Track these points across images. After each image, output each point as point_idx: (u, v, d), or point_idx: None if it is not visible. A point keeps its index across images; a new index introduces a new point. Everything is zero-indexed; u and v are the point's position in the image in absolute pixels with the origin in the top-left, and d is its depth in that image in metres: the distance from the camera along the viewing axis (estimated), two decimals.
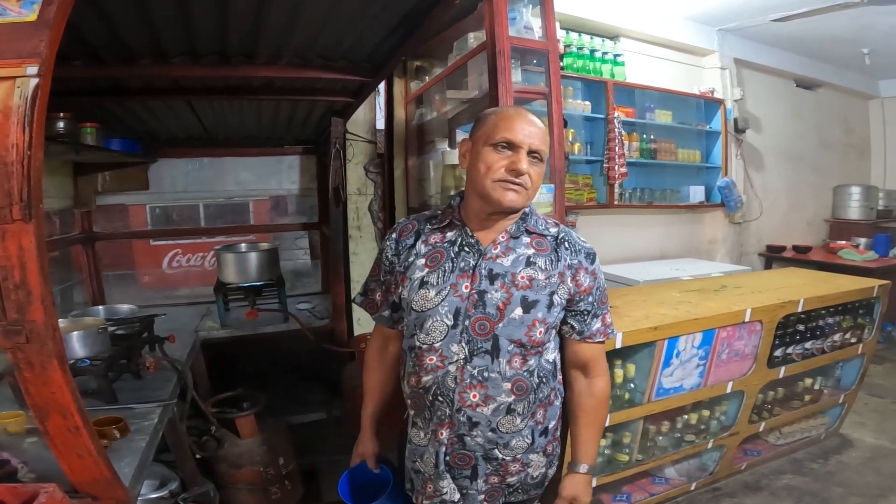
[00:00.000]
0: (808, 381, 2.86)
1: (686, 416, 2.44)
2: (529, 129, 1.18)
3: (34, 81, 0.88)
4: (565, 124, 3.67)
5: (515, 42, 1.95)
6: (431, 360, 1.23)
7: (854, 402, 3.10)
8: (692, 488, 2.58)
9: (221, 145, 3.54)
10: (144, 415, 1.60)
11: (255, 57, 2.15)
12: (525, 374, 1.23)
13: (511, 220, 1.26)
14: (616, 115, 3.98)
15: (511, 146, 1.18)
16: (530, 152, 1.18)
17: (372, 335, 1.51)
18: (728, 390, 2.42)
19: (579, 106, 3.97)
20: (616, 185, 4.10)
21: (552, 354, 1.30)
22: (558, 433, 1.37)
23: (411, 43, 2.12)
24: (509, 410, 1.23)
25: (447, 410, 1.23)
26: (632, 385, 2.22)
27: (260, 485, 2.43)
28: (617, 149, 3.96)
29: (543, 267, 1.23)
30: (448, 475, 1.27)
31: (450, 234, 1.28)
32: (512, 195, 1.18)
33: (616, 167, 3.98)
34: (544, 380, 1.27)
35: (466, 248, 1.24)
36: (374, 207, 3.73)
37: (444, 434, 1.24)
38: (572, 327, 1.29)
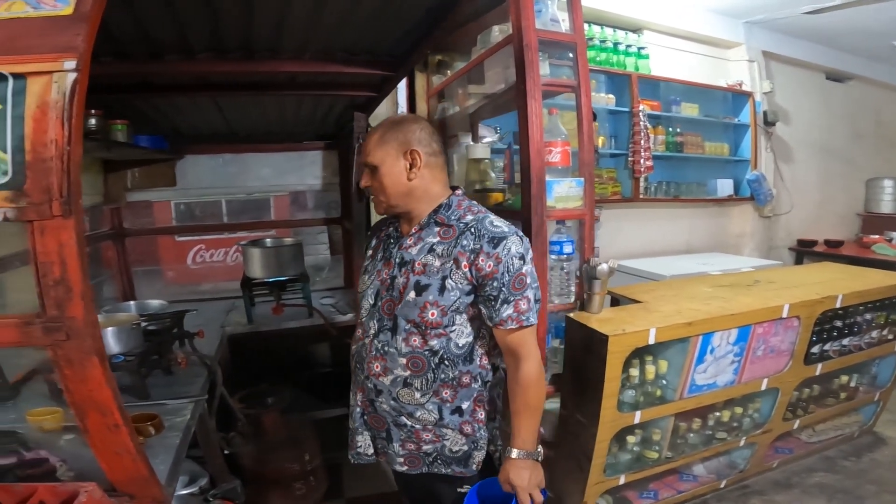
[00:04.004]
0: (844, 378, 2.77)
1: (718, 414, 2.37)
2: (365, 148, 1.37)
3: (72, 76, 0.87)
4: (594, 117, 3.63)
5: (542, 35, 1.91)
6: (358, 332, 1.48)
7: (889, 399, 3.01)
8: (721, 486, 2.52)
9: (244, 141, 3.54)
10: (176, 411, 1.60)
11: (280, 52, 2.14)
12: (425, 353, 1.34)
13: (423, 216, 1.40)
14: (641, 108, 3.93)
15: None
16: (368, 166, 1.37)
17: None
18: (763, 387, 2.35)
19: (603, 99, 3.92)
20: (641, 179, 4.04)
21: (464, 339, 1.36)
22: (480, 416, 1.42)
23: (436, 36, 2.09)
24: (406, 384, 1.37)
25: (361, 377, 1.45)
26: (663, 381, 2.17)
27: (284, 480, 2.44)
28: (642, 142, 3.90)
29: (441, 253, 1.34)
30: (367, 432, 1.50)
31: (390, 230, 1.49)
32: (376, 207, 1.43)
33: (641, 161, 3.92)
34: (448, 362, 1.35)
35: (392, 241, 1.45)
36: None
37: (359, 397, 1.48)
38: (484, 313, 1.35)
